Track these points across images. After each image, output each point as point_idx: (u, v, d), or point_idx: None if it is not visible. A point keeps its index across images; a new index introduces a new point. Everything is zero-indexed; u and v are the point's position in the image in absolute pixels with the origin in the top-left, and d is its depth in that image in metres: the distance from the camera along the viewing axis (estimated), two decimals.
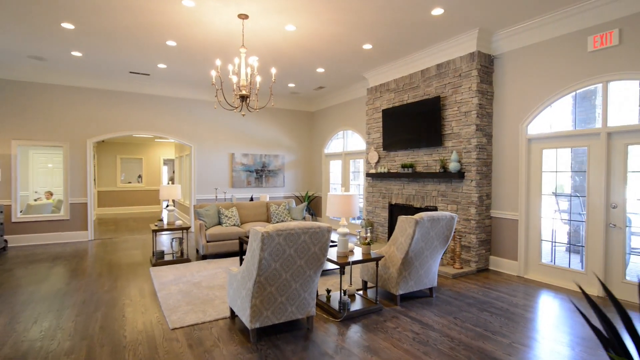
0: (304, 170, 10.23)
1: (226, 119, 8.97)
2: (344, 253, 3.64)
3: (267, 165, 9.55)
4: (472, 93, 5.22)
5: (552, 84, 4.63)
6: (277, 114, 9.74)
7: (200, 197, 8.63)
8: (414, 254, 3.78)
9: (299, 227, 2.85)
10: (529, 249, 4.97)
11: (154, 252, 5.62)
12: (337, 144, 9.49)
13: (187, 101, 8.50)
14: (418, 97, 6.15)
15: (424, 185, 6.04)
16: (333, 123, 9.32)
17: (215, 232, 5.83)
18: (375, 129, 7.13)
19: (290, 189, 9.95)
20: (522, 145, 4.97)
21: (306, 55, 6.11)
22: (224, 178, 8.95)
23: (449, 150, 5.59)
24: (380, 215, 7.01)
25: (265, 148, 9.57)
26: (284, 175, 9.81)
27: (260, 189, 9.45)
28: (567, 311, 3.72)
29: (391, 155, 6.75)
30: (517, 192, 5.04)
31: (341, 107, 8.96)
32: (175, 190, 5.81)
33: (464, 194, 5.34)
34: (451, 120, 5.55)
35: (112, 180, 12.77)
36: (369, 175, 7.06)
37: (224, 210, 6.29)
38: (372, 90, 7.24)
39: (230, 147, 9.04)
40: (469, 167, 5.27)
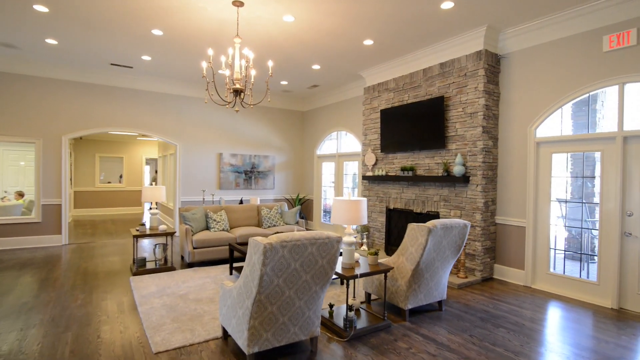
0: (295, 172, 9.85)
1: (214, 116, 8.52)
2: (350, 264, 3.29)
3: (257, 166, 9.14)
4: (478, 93, 4.97)
5: (564, 85, 4.42)
6: (268, 113, 9.35)
7: (185, 199, 8.14)
8: (425, 265, 3.48)
9: (305, 238, 2.49)
10: (536, 258, 4.74)
11: (134, 259, 5.14)
12: (330, 145, 9.16)
13: (172, 97, 8.01)
14: (419, 97, 5.88)
15: (424, 189, 5.77)
16: (326, 123, 8.99)
17: (203, 237, 5.39)
18: (373, 130, 6.84)
19: (281, 192, 9.56)
20: (530, 148, 4.75)
21: (303, 50, 5.76)
22: (211, 179, 8.49)
23: (452, 153, 5.33)
24: (377, 220, 6.70)
25: (255, 148, 9.16)
26: (274, 177, 9.41)
27: (250, 190, 9.03)
28: (586, 326, 3.48)
29: (389, 158, 6.46)
30: (525, 198, 4.81)
31: (335, 107, 8.64)
32: (159, 192, 5.34)
33: (469, 199, 5.09)
34: (455, 121, 5.30)
35: (90, 179, 12.08)
36: (365, 178, 6.75)
37: (212, 214, 5.86)
38: (369, 90, 6.95)
39: (218, 146, 8.59)
40: (475, 171, 5.02)
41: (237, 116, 8.83)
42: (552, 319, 3.67)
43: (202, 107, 8.36)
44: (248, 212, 6.43)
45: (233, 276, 4.89)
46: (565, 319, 3.66)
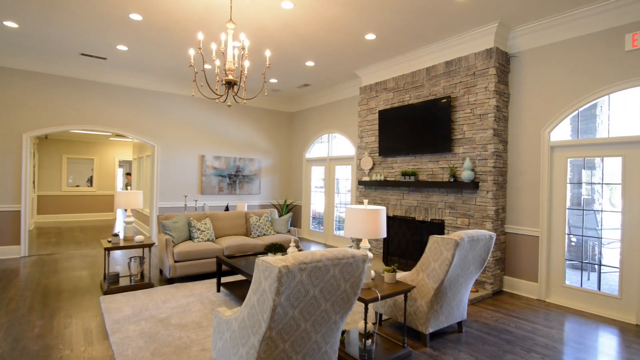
0: (282, 177, 9.33)
1: (196, 115, 7.89)
2: (367, 284, 2.83)
3: (242, 170, 8.55)
4: (489, 94, 4.66)
5: (581, 86, 4.17)
6: (254, 113, 8.80)
7: (163, 204, 7.45)
8: (449, 282, 3.06)
9: (327, 258, 2.01)
10: (550, 269, 4.44)
11: (106, 275, 4.48)
12: (320, 148, 8.71)
13: (151, 93, 7.34)
14: (422, 98, 5.53)
15: (427, 195, 5.40)
16: (316, 125, 8.53)
17: (186, 249, 4.79)
18: (370, 132, 6.44)
19: (267, 197, 9.00)
20: (544, 153, 4.47)
21: (298, 43, 5.29)
22: (192, 183, 7.83)
23: (459, 157, 5.00)
24: None
25: (240, 150, 8.57)
26: (260, 181, 8.85)
27: (234, 196, 8.42)
28: (621, 348, 3.16)
29: (388, 162, 6.08)
30: (538, 206, 4.52)
31: (326, 108, 8.21)
32: (136, 198, 4.71)
33: (478, 206, 4.75)
34: (462, 123, 4.97)
35: (57, 183, 11.08)
36: (361, 183, 6.33)
37: (195, 222, 5.25)
38: (366, 90, 6.56)
39: (200, 148, 7.95)
40: (485, 176, 4.69)
41: (221, 116, 8.23)
42: (581, 339, 3.33)
43: (183, 105, 7.72)
44: (235, 220, 5.86)
45: (221, 294, 4.32)
46: (594, 340, 3.33)
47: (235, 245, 5.18)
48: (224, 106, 8.27)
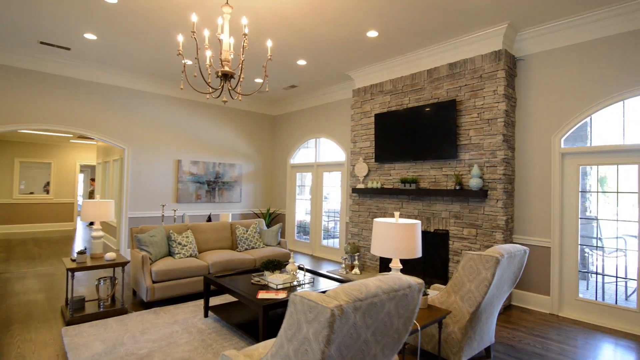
0: (265, 183, 8.77)
1: (172, 116, 7.21)
2: None
3: (222, 176, 7.92)
4: (498, 97, 4.44)
5: (595, 91, 4.02)
6: (234, 115, 8.22)
7: (134, 214, 6.69)
8: (485, 305, 2.71)
9: (383, 290, 1.57)
10: (563, 282, 4.24)
11: (68, 300, 3.77)
12: (306, 153, 8.26)
13: (121, 91, 6.60)
14: (423, 101, 5.25)
15: (430, 204, 5.10)
16: (302, 130, 8.09)
17: (166, 267, 4.15)
18: (364, 136, 6.08)
19: (248, 205, 8.41)
20: (555, 160, 4.28)
21: (294, 38, 4.85)
22: (166, 191, 7.12)
23: (465, 163, 4.73)
24: (369, 239, 5.90)
25: (220, 155, 7.95)
26: (241, 188, 8.25)
27: (213, 204, 7.77)
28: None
29: (385, 168, 5.73)
30: (549, 215, 4.32)
31: (314, 112, 7.79)
32: (107, 209, 4.04)
33: (487, 216, 4.49)
34: (468, 128, 4.71)
35: (7, 189, 9.86)
36: (355, 191, 5.94)
37: (175, 235, 4.63)
38: (359, 92, 6.21)
39: (176, 152, 7.26)
40: (494, 184, 4.44)
41: (199, 117, 7.59)
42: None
43: (157, 104, 7.02)
44: (220, 232, 5.27)
45: (210, 319, 3.73)
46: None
47: (222, 261, 4.59)
48: (202, 107, 7.63)
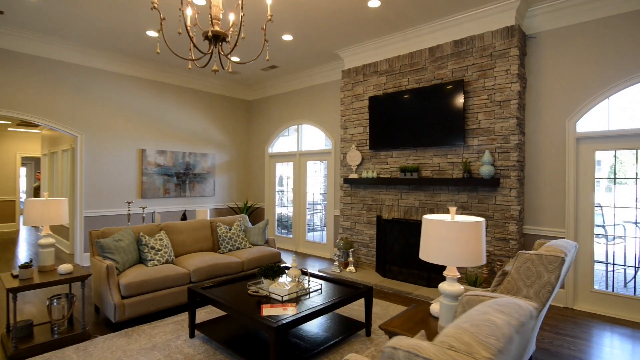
0: (241, 175, 8.03)
1: (134, 99, 6.26)
2: None
3: (193, 168, 7.10)
4: (511, 77, 4.08)
5: (613, 71, 3.76)
6: (206, 100, 7.37)
7: (92, 213, 5.74)
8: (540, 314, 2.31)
9: (514, 328, 1.06)
10: (577, 274, 4.02)
11: (10, 327, 2.97)
12: (286, 142, 7.62)
13: (72, 68, 5.57)
14: (424, 82, 4.81)
15: (433, 194, 4.71)
16: (282, 115, 7.42)
17: (138, 278, 3.42)
18: (356, 122, 5.57)
19: (223, 199, 7.65)
20: (569, 145, 4.02)
21: (282, 5, 4.19)
22: (129, 185, 6.21)
23: (474, 150, 4.37)
24: (364, 234, 5.44)
25: (190, 144, 7.10)
26: (214, 180, 7.46)
27: (183, 199, 6.94)
28: None
29: (381, 156, 5.27)
30: (563, 204, 4.06)
31: (295, 96, 7.14)
32: (59, 210, 3.22)
33: (498, 206, 4.16)
34: (477, 111, 4.34)
35: None
36: (348, 181, 5.44)
37: (147, 238, 3.87)
38: (350, 73, 5.66)
39: (139, 140, 6.34)
40: (507, 171, 4.11)
41: (166, 101, 6.68)
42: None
43: (117, 85, 6.04)
44: (199, 231, 4.55)
45: (198, 340, 3.08)
46: None
47: (205, 266, 3.91)
48: (169, 89, 6.73)
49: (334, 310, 2.88)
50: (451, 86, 4.44)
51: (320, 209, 7.00)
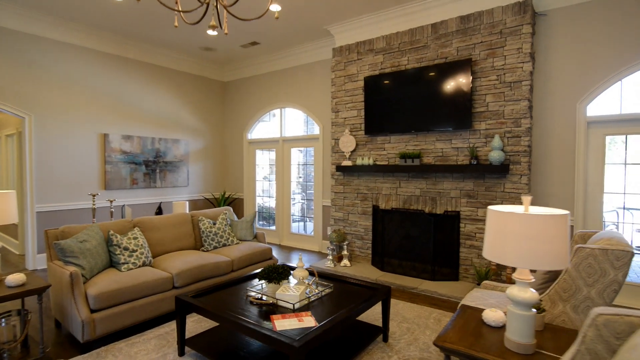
0: (217, 163, 7.38)
1: (94, 76, 5.44)
2: (526, 346, 1.60)
3: (163, 155, 6.38)
4: (523, 57, 3.82)
5: (628, 52, 3.59)
6: (178, 79, 6.62)
7: (46, 208, 4.94)
8: None
9: None
10: None
11: None
12: (268, 127, 7.06)
13: (15, 35, 4.67)
14: (426, 61, 4.46)
15: (435, 182, 4.42)
16: (262, 98, 6.83)
17: (111, 286, 2.83)
18: (349, 104, 5.14)
19: (198, 189, 7.00)
20: (580, 129, 3.84)
21: None
22: (90, 174, 5.43)
23: (481, 134, 4.10)
24: (359, 225, 5.09)
25: (160, 129, 6.36)
26: (188, 169, 6.78)
27: (153, 190, 6.23)
28: None
29: (378, 142, 4.90)
30: (572, 190, 3.91)
31: (278, 77, 6.58)
32: (6, 205, 2.55)
33: (507, 194, 3.94)
34: (485, 93, 4.06)
35: None
36: (341, 168, 5.04)
37: (119, 237, 3.26)
38: (342, 52, 5.20)
39: (101, 123, 5.55)
40: (517, 157, 3.88)
41: (131, 80, 5.88)
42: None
43: (73, 58, 5.18)
44: (179, 227, 3.98)
45: (189, 358, 2.58)
46: None
47: (190, 268, 3.38)
48: (134, 66, 5.92)
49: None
50: (457, 66, 4.13)
51: (305, 199, 6.56)
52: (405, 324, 3.15)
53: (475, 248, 4.16)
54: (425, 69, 4.37)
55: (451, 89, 4.18)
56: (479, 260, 4.14)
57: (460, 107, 4.13)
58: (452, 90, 4.17)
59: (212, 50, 6.25)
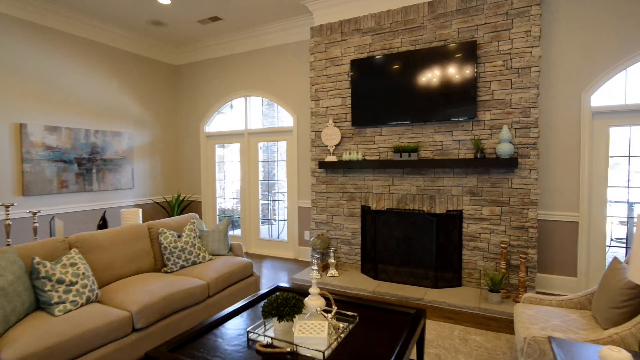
0: (168, 160, 6.33)
1: (2, 48, 4.18)
2: None
3: (102, 151, 5.23)
4: (532, 40, 3.50)
5: (636, 39, 3.43)
6: (119, 60, 5.48)
7: None
8: None
9: None
10: (590, 260, 3.74)
11: None
12: (230, 118, 6.18)
13: None
14: (423, 44, 4.00)
15: (434, 179, 4.00)
16: (223, 85, 5.94)
17: (39, 343, 1.92)
18: (333, 91, 4.53)
19: (145, 192, 5.91)
20: (584, 121, 3.65)
21: None
22: (0, 176, 4.19)
23: (485, 125, 3.74)
24: (345, 228, 4.53)
25: (97, 119, 5.20)
26: (133, 168, 5.68)
27: (90, 194, 5.08)
28: None
29: (368, 134, 4.36)
30: (577, 185, 3.71)
31: (242, 60, 5.73)
32: None
33: (515, 190, 3.63)
34: (490, 80, 3.70)
35: None
36: (324, 165, 4.43)
37: (48, 266, 2.32)
38: (323, 31, 4.56)
39: (15, 110, 4.31)
40: (526, 150, 3.58)
41: (58, 57, 4.66)
42: None
43: None
44: (132, 244, 3.07)
45: None
46: None
47: (155, 301, 2.53)
48: (63, 40, 4.71)
49: None
50: (460, 49, 3.71)
51: (270, 200, 5.84)
52: (431, 349, 2.64)
53: (479, 250, 3.81)
54: (421, 52, 3.90)
55: (452, 75, 3.76)
56: (483, 264, 3.80)
57: (463, 95, 3.73)
58: (453, 77, 3.76)
59: (163, 25, 5.23)
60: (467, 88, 3.71)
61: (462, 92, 3.73)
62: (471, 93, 3.69)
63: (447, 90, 3.80)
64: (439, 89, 3.83)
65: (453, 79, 3.76)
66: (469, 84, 3.69)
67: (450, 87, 3.78)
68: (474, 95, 3.68)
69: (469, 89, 3.69)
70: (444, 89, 3.81)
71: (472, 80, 3.68)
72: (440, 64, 3.82)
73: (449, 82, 3.78)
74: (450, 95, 3.79)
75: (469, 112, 3.71)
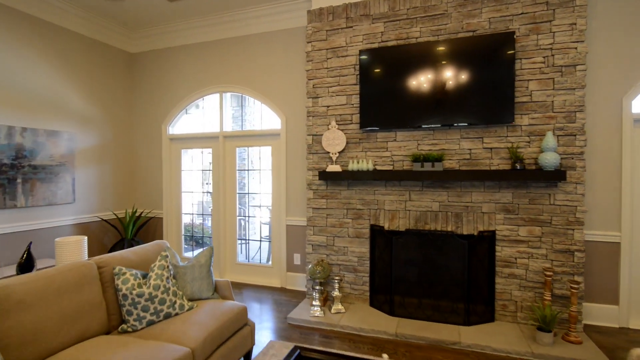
0: (121, 167, 5.16)
1: None
2: None
3: (30, 155, 4.02)
4: (577, 35, 3.03)
5: None
6: (58, 40, 4.31)
7: None
8: None
9: None
10: (632, 285, 3.32)
11: None
12: (200, 118, 5.20)
13: None
14: (446, 34, 3.40)
15: (460, 193, 3.38)
16: (192, 78, 4.95)
17: None
18: (335, 87, 3.79)
19: (90, 207, 4.72)
20: (626, 128, 3.24)
21: None
22: None
23: (523, 131, 3.20)
24: (349, 252, 3.77)
25: (26, 113, 3.99)
26: (73, 177, 4.49)
27: (12, 212, 3.85)
28: None
29: (379, 139, 3.66)
30: (619, 201, 3.28)
31: (217, 48, 4.80)
32: None
33: (558, 207, 3.11)
34: (528, 79, 3.18)
35: None
36: (324, 175, 3.65)
37: None
38: (323, 16, 3.83)
39: None
40: (571, 161, 3.09)
41: None
42: None
43: None
44: (73, 293, 2.06)
45: None
46: None
47: None
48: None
49: None
50: (493, 41, 3.16)
51: (242, 215, 4.94)
52: None
53: (515, 277, 3.24)
54: (445, 44, 3.30)
55: (484, 72, 3.19)
56: (520, 294, 3.22)
57: (497, 95, 3.17)
58: (485, 74, 3.19)
59: (121, 0, 4.18)
60: (503, 87, 3.15)
61: (497, 92, 3.17)
62: (507, 93, 3.14)
63: (477, 89, 3.22)
64: (468, 87, 3.25)
65: (484, 77, 3.19)
66: (505, 83, 3.14)
67: (482, 86, 3.21)
68: (511, 95, 3.13)
69: (506, 88, 3.14)
70: (473, 87, 3.23)
71: (509, 78, 3.13)
72: (469, 58, 3.24)
73: (480, 80, 3.21)
74: (481, 96, 3.21)
75: (506, 115, 3.16)
